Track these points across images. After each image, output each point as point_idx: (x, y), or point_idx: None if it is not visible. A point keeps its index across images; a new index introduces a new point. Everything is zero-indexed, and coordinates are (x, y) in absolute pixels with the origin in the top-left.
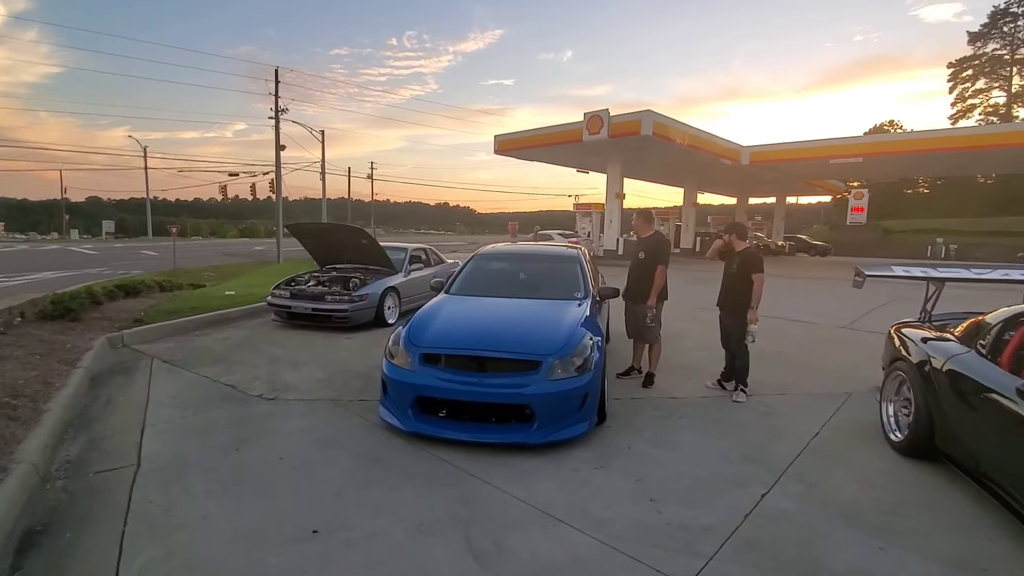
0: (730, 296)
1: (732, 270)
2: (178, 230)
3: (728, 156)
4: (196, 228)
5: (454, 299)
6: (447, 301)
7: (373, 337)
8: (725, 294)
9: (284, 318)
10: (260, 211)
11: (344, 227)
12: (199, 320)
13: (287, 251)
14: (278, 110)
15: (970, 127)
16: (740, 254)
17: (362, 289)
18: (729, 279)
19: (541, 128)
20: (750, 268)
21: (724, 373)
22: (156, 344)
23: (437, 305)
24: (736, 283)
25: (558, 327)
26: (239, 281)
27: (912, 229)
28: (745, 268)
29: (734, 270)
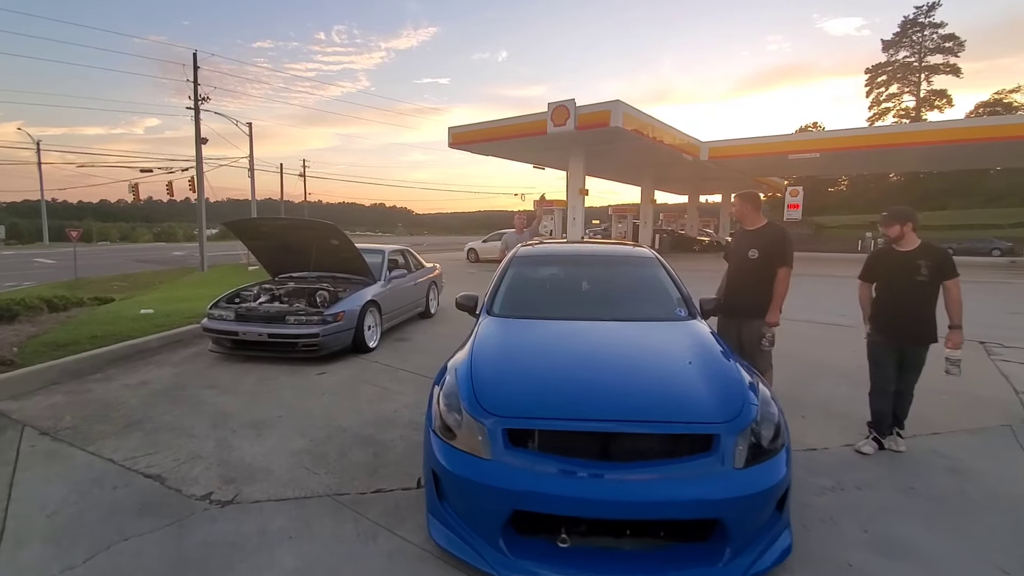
0: (748, 292)
1: (749, 258)
2: (79, 234)
3: (689, 151)
4: (103, 232)
5: (512, 326)
6: (504, 330)
7: (356, 369)
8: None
9: (227, 347)
10: (177, 213)
11: (307, 223)
12: (102, 355)
13: (213, 256)
14: (197, 98)
15: (928, 122)
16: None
17: (336, 305)
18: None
19: (500, 120)
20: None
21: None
22: (33, 399)
23: (492, 337)
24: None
25: (714, 372)
26: (157, 294)
27: (841, 225)
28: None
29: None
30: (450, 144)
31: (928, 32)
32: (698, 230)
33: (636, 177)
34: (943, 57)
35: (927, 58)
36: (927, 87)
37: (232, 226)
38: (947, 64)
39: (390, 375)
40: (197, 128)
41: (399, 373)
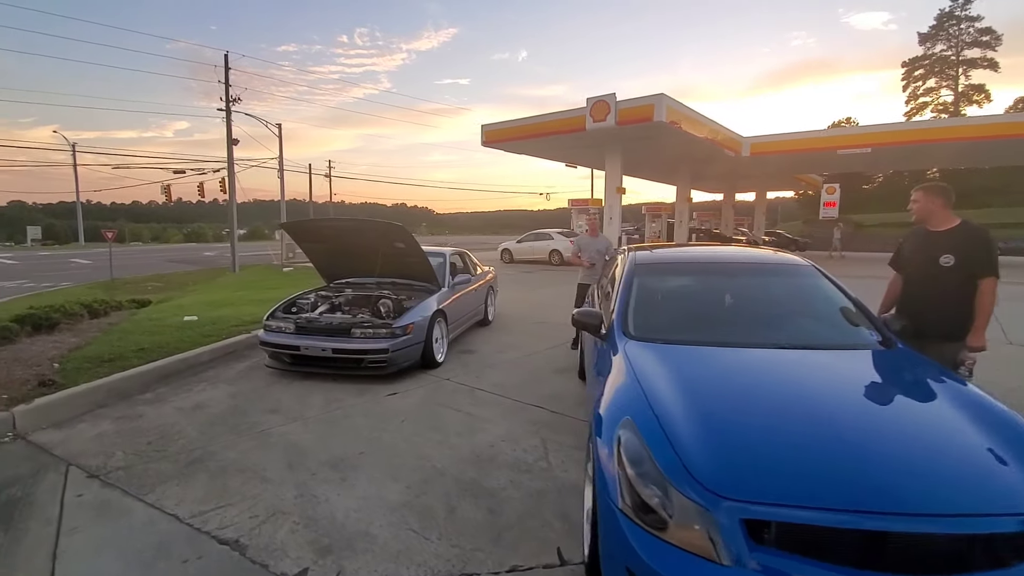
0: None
1: (942, 265)
2: (115, 235)
3: (730, 147)
4: (136, 233)
5: (674, 356)
6: (670, 362)
7: (428, 388)
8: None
9: (286, 363)
10: (206, 214)
11: (371, 224)
12: (151, 372)
13: (242, 256)
14: (229, 99)
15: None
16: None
17: (405, 316)
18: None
19: (535, 117)
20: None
21: None
22: (78, 427)
23: (660, 373)
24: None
25: (1005, 430)
26: (195, 297)
27: (881, 223)
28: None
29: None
30: (483, 142)
31: (965, 26)
32: (734, 229)
33: (671, 175)
34: (980, 51)
35: (964, 52)
36: (965, 81)
37: (289, 228)
38: (984, 58)
39: (468, 397)
40: (228, 129)
41: (477, 394)
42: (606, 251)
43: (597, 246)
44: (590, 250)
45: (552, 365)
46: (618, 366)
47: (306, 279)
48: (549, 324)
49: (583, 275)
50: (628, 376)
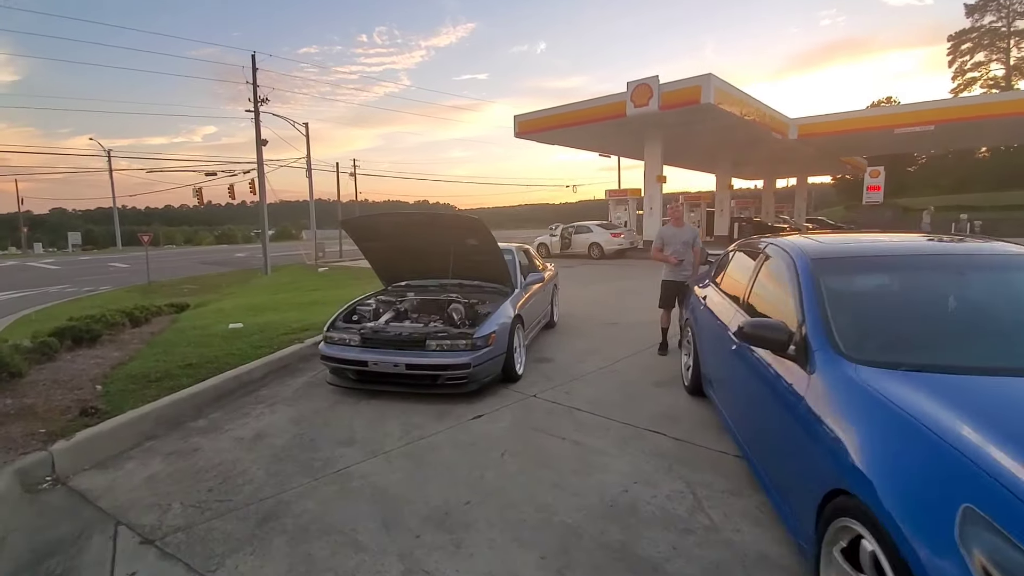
0: None
1: None
2: (150, 239)
3: (777, 129)
4: (169, 236)
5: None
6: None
7: (516, 408)
8: None
9: (351, 380)
10: (235, 216)
11: (441, 218)
12: (203, 393)
13: (273, 256)
14: (257, 99)
15: None
16: None
17: (485, 324)
18: None
19: (572, 105)
20: None
21: None
22: (126, 467)
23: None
24: None
25: None
26: (234, 300)
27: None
28: None
29: None
30: (516, 133)
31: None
32: (775, 216)
33: (710, 162)
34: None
35: (1016, 23)
36: (1017, 54)
37: (348, 225)
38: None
39: (566, 419)
40: (257, 129)
41: (576, 415)
42: (693, 242)
43: (683, 237)
44: (675, 243)
45: (647, 376)
46: (858, 404)
47: (343, 280)
48: (621, 325)
49: (668, 271)
50: (907, 426)
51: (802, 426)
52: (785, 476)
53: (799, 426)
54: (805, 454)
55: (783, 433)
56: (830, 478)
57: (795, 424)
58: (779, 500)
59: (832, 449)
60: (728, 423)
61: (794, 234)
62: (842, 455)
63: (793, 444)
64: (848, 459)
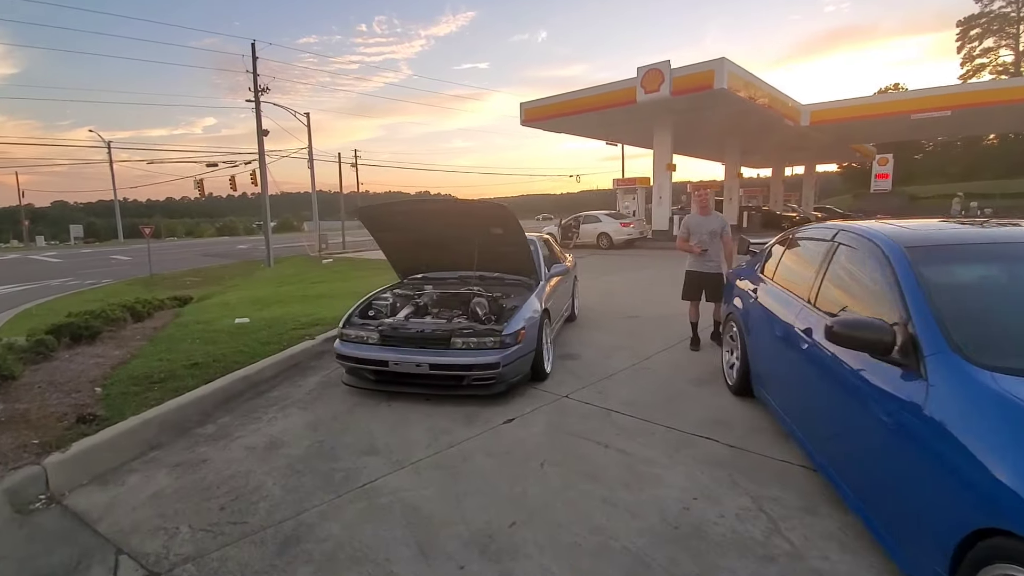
0: None
1: None
2: (152, 231)
3: (789, 116)
4: (171, 228)
5: None
6: None
7: (548, 410)
8: None
9: (370, 381)
10: (236, 208)
11: (466, 206)
12: (210, 396)
13: (275, 248)
14: (258, 88)
15: None
16: None
17: (513, 320)
18: None
19: (579, 91)
20: None
21: None
22: (128, 482)
23: None
24: None
25: None
26: (238, 294)
27: (936, 195)
28: None
29: None
30: (522, 121)
31: None
32: (783, 205)
33: (719, 150)
34: None
35: None
36: None
37: (363, 215)
38: None
39: (605, 423)
40: (258, 118)
41: (615, 419)
42: (721, 231)
43: (710, 226)
44: (700, 232)
45: (682, 373)
46: (1016, 423)
47: (348, 272)
48: (644, 319)
49: (692, 261)
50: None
51: (919, 444)
52: (893, 501)
53: (913, 444)
54: (928, 479)
55: (886, 449)
56: (976, 514)
57: (906, 440)
58: (877, 524)
59: (976, 478)
60: (793, 430)
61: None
62: (994, 487)
63: (904, 464)
64: (1007, 492)
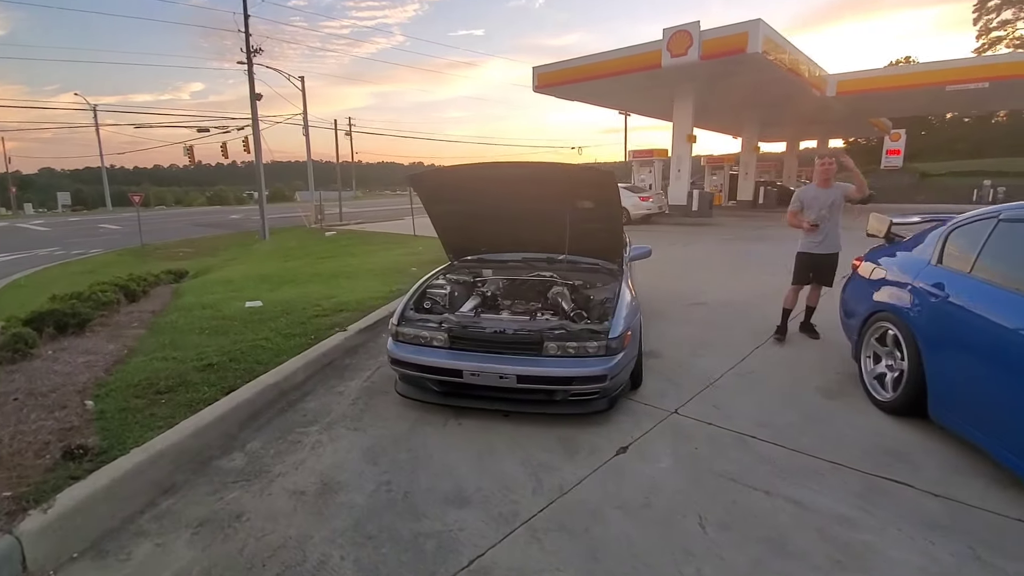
0: None
1: None
2: (141, 199)
3: (816, 85)
4: (159, 197)
5: None
6: None
7: (668, 435)
8: None
9: (434, 393)
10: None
11: (554, 170)
12: (232, 413)
13: (271, 219)
14: (250, 49)
15: None
16: None
17: (617, 319)
18: None
19: (599, 55)
20: None
21: None
22: (135, 551)
23: None
24: None
25: None
26: (239, 268)
27: (949, 172)
28: None
29: None
30: (535, 87)
31: None
32: (796, 181)
33: (736, 122)
34: None
35: None
36: None
37: (417, 182)
38: None
39: (747, 454)
40: (251, 80)
41: (757, 447)
42: (840, 206)
43: (829, 198)
44: (816, 206)
45: (799, 379)
46: None
47: (355, 246)
48: (711, 306)
49: (805, 242)
50: None
51: None
52: None
53: None
54: None
55: None
56: None
57: None
58: None
59: None
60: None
61: None
62: None
63: None
64: None
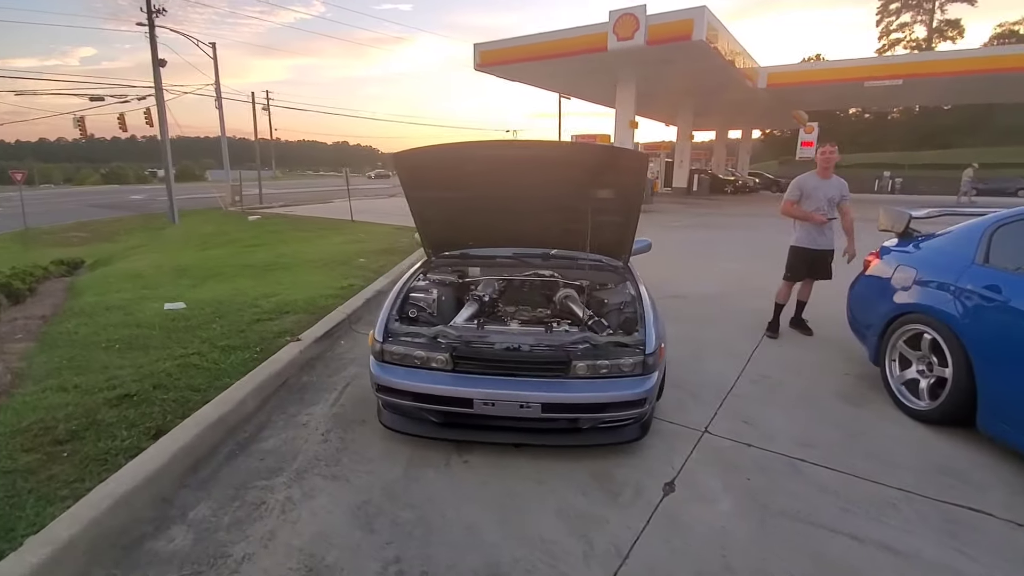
0: None
1: None
2: (24, 176)
3: (750, 76)
4: (46, 174)
5: None
6: None
7: (707, 461)
8: None
9: (431, 424)
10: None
11: (575, 150)
12: (164, 468)
13: (181, 200)
14: (151, 8)
15: None
16: None
17: (649, 328)
18: None
19: (543, 34)
20: None
21: None
22: None
23: None
24: None
25: None
26: (148, 258)
27: (854, 164)
28: None
29: None
30: (477, 66)
31: None
32: (724, 169)
33: (672, 111)
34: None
35: None
36: (941, 16)
37: (401, 161)
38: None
39: (807, 486)
40: (153, 44)
41: (813, 474)
42: (840, 199)
43: (829, 191)
44: (818, 197)
45: (815, 384)
46: None
47: (285, 231)
48: (691, 300)
49: (804, 235)
50: None
51: None
52: None
53: None
54: None
55: None
56: None
57: None
58: None
59: None
60: None
61: None
62: None
63: None
64: None
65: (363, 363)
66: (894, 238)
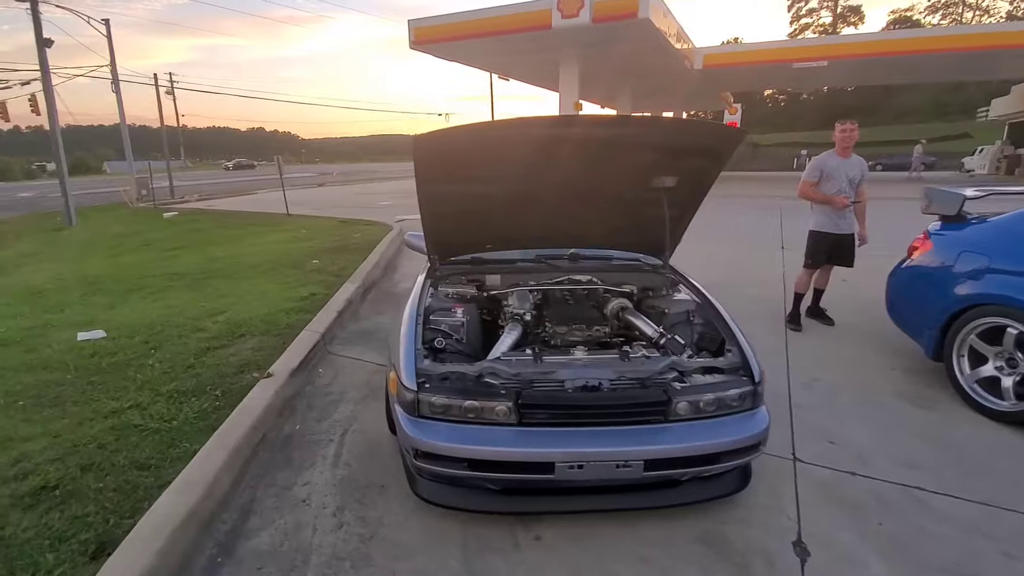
0: None
1: None
2: None
3: (688, 57)
4: None
5: None
6: None
7: (815, 503)
8: None
9: (486, 495)
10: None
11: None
12: None
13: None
14: None
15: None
16: None
17: (745, 346)
18: None
19: (483, 10)
20: None
21: None
22: None
23: None
24: None
25: None
26: (44, 268)
27: (774, 143)
28: None
29: None
30: (412, 44)
31: None
32: None
33: (611, 93)
34: None
35: None
36: (844, 3)
37: (421, 145)
38: None
39: (945, 526)
40: (36, 21)
41: (942, 507)
42: (860, 179)
43: (850, 171)
44: (839, 178)
45: (867, 384)
46: None
47: (209, 229)
48: None
49: (824, 219)
50: None
51: None
52: None
53: None
54: None
55: None
56: None
57: None
58: None
59: None
60: None
61: None
62: None
63: None
64: None
65: (355, 399)
66: (937, 222)
